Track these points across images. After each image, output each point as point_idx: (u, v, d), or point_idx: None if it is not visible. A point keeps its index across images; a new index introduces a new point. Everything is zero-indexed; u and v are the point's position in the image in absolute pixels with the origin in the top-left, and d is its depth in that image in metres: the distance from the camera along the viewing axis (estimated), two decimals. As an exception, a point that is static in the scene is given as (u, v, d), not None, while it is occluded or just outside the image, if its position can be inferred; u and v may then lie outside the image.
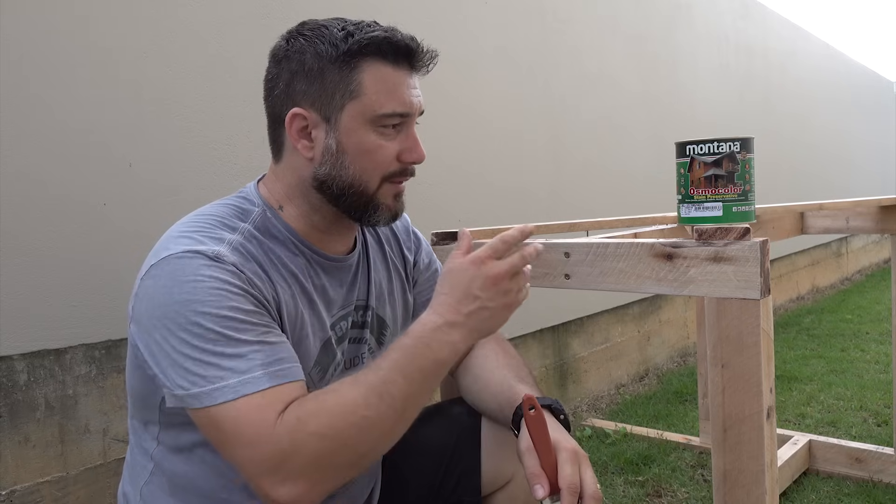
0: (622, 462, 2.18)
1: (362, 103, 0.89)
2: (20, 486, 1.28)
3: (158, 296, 0.81)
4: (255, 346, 0.80)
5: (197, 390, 0.78)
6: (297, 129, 0.91)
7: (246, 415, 0.76)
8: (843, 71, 6.49)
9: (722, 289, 0.98)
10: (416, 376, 0.81)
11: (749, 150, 1.14)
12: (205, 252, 0.83)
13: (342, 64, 0.88)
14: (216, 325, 0.78)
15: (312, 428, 0.76)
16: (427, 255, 1.19)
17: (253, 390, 0.77)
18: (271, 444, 0.75)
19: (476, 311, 0.85)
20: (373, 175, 0.93)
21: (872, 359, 3.40)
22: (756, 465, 0.98)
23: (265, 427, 0.76)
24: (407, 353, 0.82)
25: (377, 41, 0.89)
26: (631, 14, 3.23)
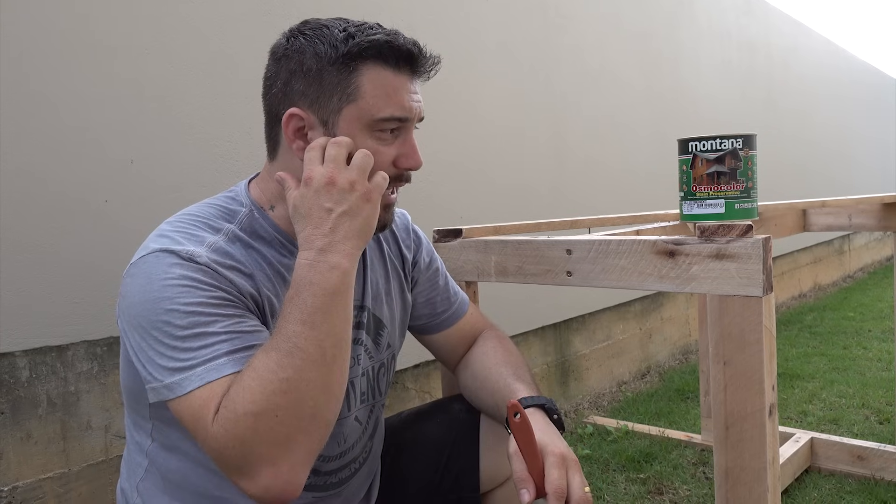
0: (624, 459, 2.18)
1: (360, 107, 0.88)
2: (22, 483, 1.28)
3: (134, 295, 0.82)
4: (224, 335, 0.79)
5: (167, 380, 0.78)
6: (294, 130, 0.90)
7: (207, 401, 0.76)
8: (845, 67, 6.48)
9: (724, 286, 0.98)
10: (316, 318, 0.78)
11: (752, 147, 1.14)
12: (178, 252, 0.83)
13: (341, 66, 0.87)
14: (183, 320, 0.79)
15: (241, 409, 0.74)
16: (428, 253, 1.18)
17: (217, 376, 0.77)
18: (216, 443, 0.75)
19: (335, 221, 0.82)
20: None
21: (874, 356, 3.39)
22: (758, 462, 0.98)
23: (205, 425, 0.75)
24: (295, 301, 0.79)
25: (378, 44, 0.87)
26: (633, 10, 3.22)
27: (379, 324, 1.07)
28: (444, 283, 1.19)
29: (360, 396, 1.05)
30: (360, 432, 1.06)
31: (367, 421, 1.07)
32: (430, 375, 2.15)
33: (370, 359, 1.06)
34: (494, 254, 1.25)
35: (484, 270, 1.27)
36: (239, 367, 0.78)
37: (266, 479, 0.74)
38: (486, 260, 1.26)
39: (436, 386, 2.15)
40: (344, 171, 0.84)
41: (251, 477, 0.74)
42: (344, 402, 1.01)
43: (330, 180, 0.83)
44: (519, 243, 1.21)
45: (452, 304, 1.18)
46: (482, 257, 1.27)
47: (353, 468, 1.04)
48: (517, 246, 1.21)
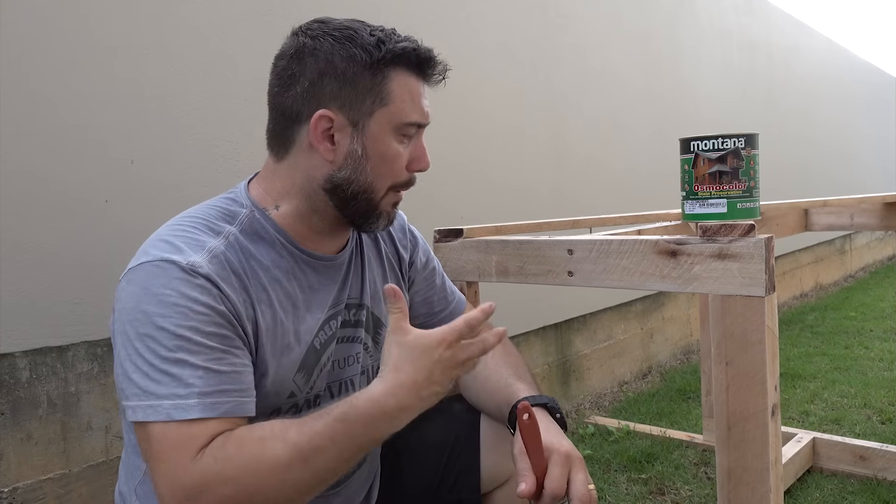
0: (625, 460, 2.18)
1: (390, 111, 0.90)
2: (22, 484, 1.28)
3: (128, 301, 0.82)
4: (201, 371, 0.79)
5: (134, 403, 0.79)
6: (322, 131, 0.90)
7: (169, 442, 0.77)
8: (846, 67, 6.47)
9: (726, 286, 0.97)
10: (348, 452, 0.79)
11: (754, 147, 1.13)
12: (179, 263, 0.82)
13: (374, 71, 0.89)
14: (170, 342, 0.79)
15: (227, 474, 0.75)
16: (424, 253, 1.18)
17: (183, 417, 0.77)
18: (184, 479, 0.75)
19: (431, 395, 0.81)
20: (384, 182, 0.94)
21: (876, 356, 3.39)
22: (760, 463, 0.98)
23: (183, 460, 0.76)
24: (349, 426, 0.78)
25: (408, 52, 0.91)
26: (634, 10, 3.21)
27: (378, 322, 1.08)
28: (441, 282, 1.19)
29: None
30: None
31: None
32: (431, 376, 2.14)
33: (370, 357, 1.06)
34: (495, 254, 1.24)
35: (485, 270, 1.26)
36: (206, 413, 0.78)
37: None
38: (487, 260, 1.26)
39: None
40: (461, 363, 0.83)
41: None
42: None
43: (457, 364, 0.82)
44: (520, 243, 1.21)
45: (450, 303, 1.18)
46: (483, 257, 1.26)
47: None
48: (518, 246, 1.21)
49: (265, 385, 0.90)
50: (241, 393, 0.82)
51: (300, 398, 0.96)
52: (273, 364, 0.90)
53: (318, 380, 0.98)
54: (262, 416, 0.92)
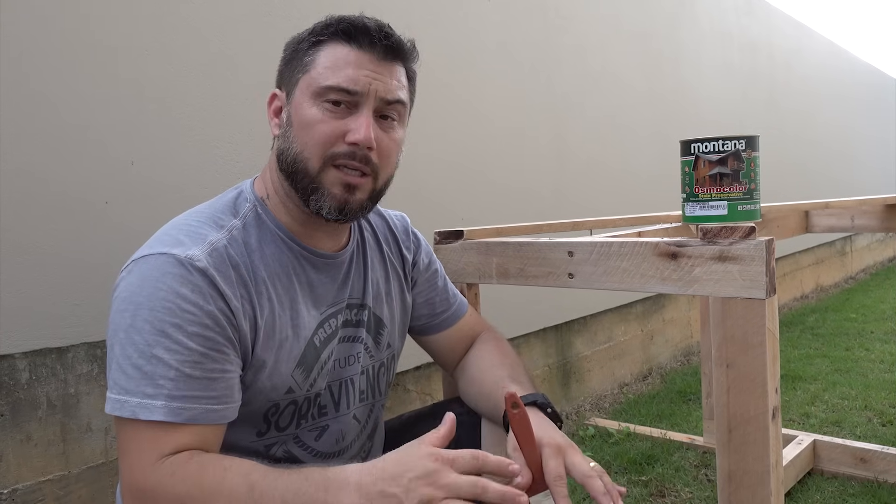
0: (625, 462, 2.18)
1: (310, 76, 0.92)
2: (22, 485, 1.28)
3: (122, 291, 0.84)
4: (173, 372, 0.80)
5: (110, 395, 0.81)
6: (274, 110, 0.96)
7: (133, 441, 0.79)
8: (847, 68, 6.47)
9: (727, 288, 0.97)
10: None
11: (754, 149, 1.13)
12: (177, 256, 0.83)
13: (310, 45, 0.93)
14: (152, 337, 0.80)
15: (178, 490, 0.76)
16: (426, 255, 1.19)
17: (146, 418, 0.78)
18: (139, 482, 0.78)
19: (391, 495, 0.72)
20: (313, 151, 0.90)
21: (877, 358, 3.38)
22: (761, 465, 0.97)
23: (142, 463, 0.78)
24: (306, 487, 0.74)
25: (338, 22, 0.92)
26: (634, 11, 3.21)
27: (379, 323, 1.08)
28: (443, 284, 1.19)
29: (360, 395, 1.05)
30: (357, 431, 1.06)
31: (365, 420, 1.07)
32: (431, 377, 2.14)
33: (370, 357, 1.07)
34: (496, 256, 1.24)
35: (485, 272, 1.26)
36: (170, 418, 0.79)
37: None
38: (487, 262, 1.26)
39: (437, 388, 2.15)
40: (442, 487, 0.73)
41: None
42: (343, 399, 1.01)
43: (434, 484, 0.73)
44: (520, 245, 1.21)
45: (451, 305, 1.19)
46: (483, 259, 1.26)
47: None
48: (518, 248, 1.21)
49: (261, 380, 0.91)
50: (212, 400, 0.82)
51: (299, 395, 0.96)
52: (270, 358, 0.91)
53: (319, 378, 0.98)
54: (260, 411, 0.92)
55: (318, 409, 0.99)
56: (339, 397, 1.02)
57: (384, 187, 0.97)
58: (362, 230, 1.09)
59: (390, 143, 0.94)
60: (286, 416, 0.96)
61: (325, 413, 1.00)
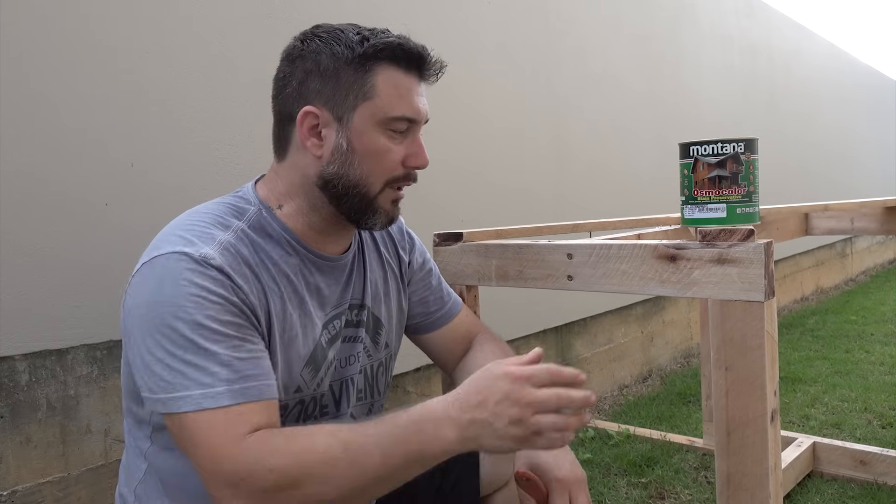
0: (625, 464, 2.17)
1: (374, 105, 0.91)
2: (21, 487, 1.28)
3: (143, 295, 0.83)
4: (224, 359, 0.80)
5: (163, 396, 0.80)
6: (308, 127, 0.93)
7: (209, 429, 0.78)
8: (847, 70, 6.47)
9: (726, 291, 0.97)
10: (395, 460, 0.78)
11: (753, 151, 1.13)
12: (192, 255, 0.83)
13: (357, 66, 0.90)
14: (188, 331, 0.79)
15: (272, 464, 0.76)
16: (420, 254, 1.19)
17: (213, 405, 0.78)
18: (232, 462, 0.77)
19: (480, 421, 0.77)
20: (378, 177, 0.94)
21: (877, 360, 3.38)
22: (760, 468, 0.98)
23: (228, 445, 0.77)
24: (398, 431, 0.78)
25: (392, 46, 0.91)
26: (635, 14, 3.22)
27: (378, 323, 1.09)
28: (438, 283, 1.20)
29: (357, 394, 1.06)
30: None
31: None
32: (431, 379, 2.14)
33: (368, 357, 1.08)
34: (495, 258, 1.24)
35: (484, 274, 1.26)
36: (236, 400, 0.79)
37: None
38: (486, 264, 1.26)
39: (436, 389, 2.15)
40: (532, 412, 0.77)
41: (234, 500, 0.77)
42: (343, 398, 1.02)
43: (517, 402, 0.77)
44: (519, 247, 1.21)
45: (446, 303, 1.20)
46: (483, 261, 1.26)
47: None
48: (518, 250, 1.21)
49: None
50: (263, 377, 0.83)
51: (306, 394, 0.97)
52: (282, 356, 0.92)
53: (325, 378, 0.99)
54: None
55: (321, 409, 1.00)
56: (339, 396, 1.03)
57: None
58: (360, 231, 1.09)
59: None
60: (292, 417, 0.96)
61: (327, 412, 1.01)
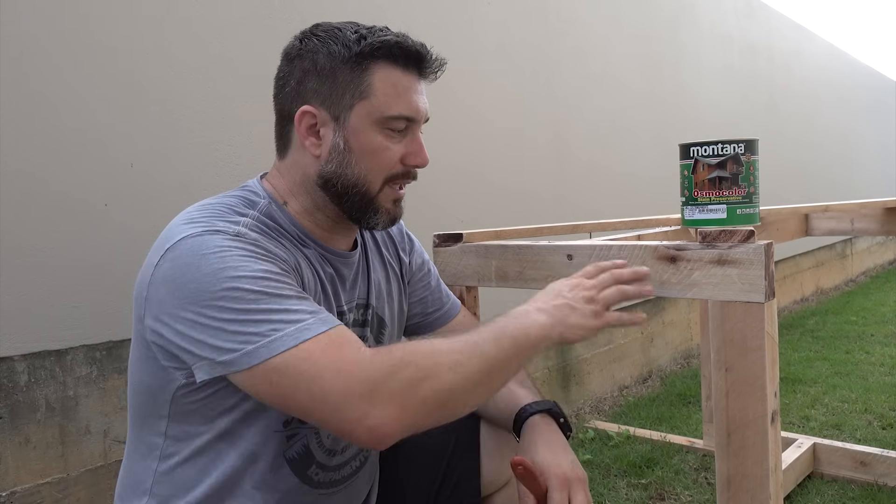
0: (625, 465, 2.17)
1: (371, 104, 0.91)
2: (20, 488, 1.27)
3: (183, 274, 0.80)
4: (295, 299, 0.80)
5: (251, 347, 0.77)
6: (306, 127, 0.93)
7: (323, 352, 0.76)
8: (847, 71, 6.47)
9: (726, 292, 0.97)
10: (505, 343, 0.84)
11: (753, 152, 1.13)
12: (224, 230, 0.83)
13: (354, 65, 0.90)
14: (254, 285, 0.79)
15: (406, 358, 0.78)
16: (419, 255, 1.19)
17: (311, 335, 0.77)
18: (363, 370, 0.76)
19: (561, 305, 0.90)
20: (377, 176, 0.94)
21: (877, 361, 3.38)
22: (760, 469, 0.97)
23: (351, 357, 0.77)
24: (498, 324, 0.86)
25: (389, 45, 0.90)
26: (634, 14, 3.21)
27: (381, 323, 1.09)
28: (436, 284, 1.21)
29: None
30: None
31: None
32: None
33: None
34: (495, 259, 1.24)
35: (484, 275, 1.26)
36: (330, 325, 0.79)
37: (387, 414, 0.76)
38: (486, 265, 1.26)
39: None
40: (596, 291, 0.94)
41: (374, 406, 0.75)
42: None
43: (581, 285, 0.94)
44: (519, 248, 1.21)
45: (444, 304, 1.20)
46: (482, 262, 1.26)
47: (354, 466, 1.04)
48: (518, 251, 1.21)
49: None
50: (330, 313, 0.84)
51: None
52: None
53: None
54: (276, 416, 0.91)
55: None
56: None
57: None
58: (363, 232, 1.09)
59: None
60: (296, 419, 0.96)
61: None
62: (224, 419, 0.88)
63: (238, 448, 0.89)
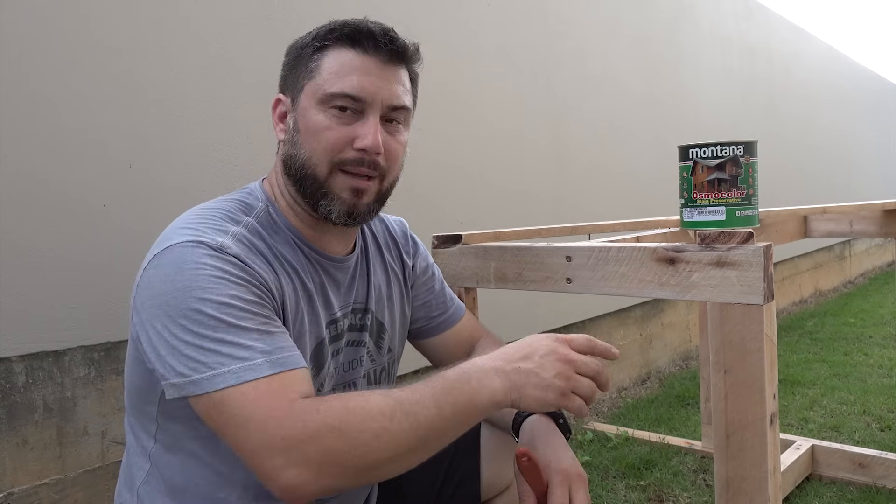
0: (624, 466, 2.17)
1: (315, 83, 0.92)
2: (18, 489, 1.27)
3: (160, 284, 0.81)
4: (255, 333, 0.79)
5: (197, 377, 0.76)
6: (279, 115, 0.97)
7: (255, 399, 0.75)
8: (846, 73, 6.48)
9: (725, 294, 0.97)
10: (447, 409, 0.79)
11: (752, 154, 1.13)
12: (208, 242, 0.83)
13: (313, 51, 0.93)
14: (216, 311, 0.78)
15: (330, 421, 0.74)
16: (423, 259, 1.19)
17: (255, 377, 0.76)
18: (285, 427, 0.74)
19: (526, 371, 0.82)
20: (321, 157, 0.91)
21: (876, 363, 3.38)
22: (759, 472, 0.97)
23: (278, 410, 0.74)
24: (447, 383, 0.80)
25: (341, 27, 0.92)
26: (634, 15, 3.22)
27: (381, 327, 1.08)
28: (441, 288, 1.20)
29: None
30: None
31: None
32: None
33: (372, 362, 1.07)
34: (494, 260, 1.24)
35: (483, 277, 1.26)
36: (276, 370, 0.77)
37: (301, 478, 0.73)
38: (485, 266, 1.26)
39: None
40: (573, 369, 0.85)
41: (289, 468, 0.73)
42: None
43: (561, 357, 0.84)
44: (518, 250, 1.21)
45: (448, 308, 1.19)
46: (481, 263, 1.26)
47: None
48: (516, 252, 1.21)
49: None
50: (294, 349, 0.82)
51: None
52: None
53: (327, 379, 0.98)
54: None
55: None
56: None
57: (390, 189, 0.99)
58: (364, 235, 1.09)
59: (397, 146, 0.96)
60: None
61: None
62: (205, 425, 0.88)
63: (222, 454, 0.88)
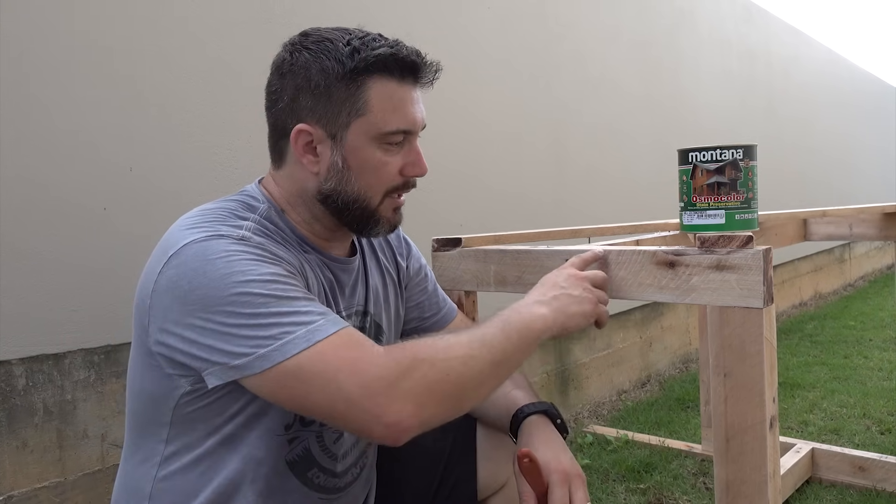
0: (623, 469, 2.17)
1: (368, 121, 0.90)
2: (17, 492, 1.27)
3: (189, 281, 0.80)
4: (304, 301, 0.80)
5: (263, 350, 0.77)
6: (303, 145, 0.92)
7: (336, 353, 0.77)
8: (845, 76, 6.48)
9: (725, 297, 0.97)
10: (512, 335, 0.86)
11: (752, 158, 1.13)
12: (229, 235, 0.83)
13: (349, 81, 0.89)
14: (263, 289, 0.79)
15: (420, 355, 0.79)
16: (416, 259, 1.19)
17: (322, 336, 0.77)
18: (380, 366, 0.77)
19: (559, 295, 0.94)
20: (377, 190, 0.94)
21: (876, 366, 3.38)
22: (759, 475, 0.97)
23: (364, 356, 0.78)
24: (503, 318, 0.88)
25: (383, 58, 0.89)
26: (634, 19, 3.22)
27: (379, 330, 1.09)
28: (433, 288, 1.20)
29: None
30: None
31: None
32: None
33: None
34: (494, 263, 1.24)
35: (483, 280, 1.26)
36: (339, 326, 0.79)
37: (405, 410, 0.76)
38: (485, 269, 1.26)
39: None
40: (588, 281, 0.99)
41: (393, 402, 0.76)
42: None
43: (577, 276, 0.99)
44: (518, 253, 1.21)
45: (441, 308, 1.20)
46: (481, 266, 1.26)
47: (355, 473, 1.05)
48: (516, 256, 1.21)
49: None
50: None
51: None
52: None
53: None
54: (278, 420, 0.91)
55: None
56: None
57: None
58: (359, 238, 1.09)
59: None
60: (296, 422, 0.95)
61: None
62: (228, 425, 0.88)
63: (240, 453, 0.88)
